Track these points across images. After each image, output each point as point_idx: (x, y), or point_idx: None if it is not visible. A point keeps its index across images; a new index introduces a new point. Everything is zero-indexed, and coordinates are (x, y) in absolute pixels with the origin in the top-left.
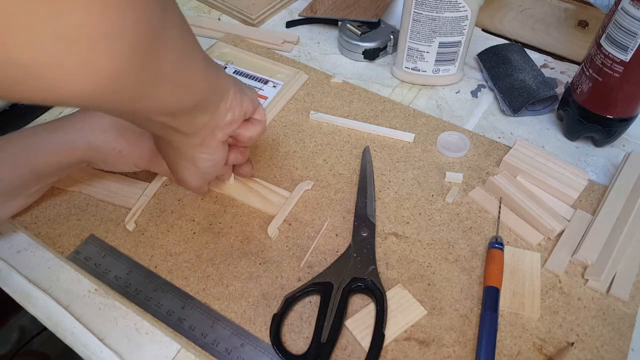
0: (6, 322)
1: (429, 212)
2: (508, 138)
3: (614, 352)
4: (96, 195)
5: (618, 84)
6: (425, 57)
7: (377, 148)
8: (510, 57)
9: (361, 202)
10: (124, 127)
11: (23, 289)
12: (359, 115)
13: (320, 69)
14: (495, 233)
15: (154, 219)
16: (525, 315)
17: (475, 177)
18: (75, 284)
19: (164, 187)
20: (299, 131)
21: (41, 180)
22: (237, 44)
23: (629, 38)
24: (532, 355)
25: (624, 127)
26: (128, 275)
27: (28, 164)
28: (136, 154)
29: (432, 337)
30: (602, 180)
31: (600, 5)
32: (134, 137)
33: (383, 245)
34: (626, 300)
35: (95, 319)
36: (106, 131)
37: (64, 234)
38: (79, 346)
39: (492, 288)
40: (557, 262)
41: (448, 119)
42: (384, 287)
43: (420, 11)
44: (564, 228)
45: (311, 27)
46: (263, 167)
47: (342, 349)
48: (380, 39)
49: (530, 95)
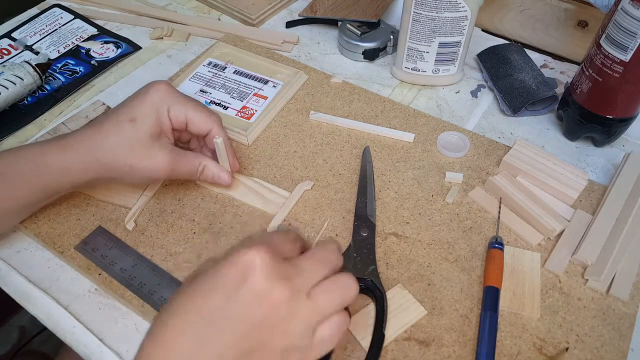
0: (6, 322)
1: (429, 212)
2: (508, 138)
3: (613, 352)
4: (96, 195)
5: (618, 84)
6: (425, 57)
7: (377, 148)
8: (510, 57)
9: (361, 202)
10: (133, 142)
11: (23, 289)
12: (359, 115)
13: (320, 69)
14: (495, 233)
15: (154, 218)
16: (525, 315)
17: (475, 177)
18: (75, 284)
19: (164, 187)
20: (299, 131)
21: (54, 196)
22: (237, 44)
23: (629, 38)
24: (532, 355)
25: (623, 127)
26: (133, 268)
27: (41, 183)
28: (149, 167)
29: (432, 337)
30: (602, 180)
31: (600, 5)
32: (144, 151)
33: (383, 245)
34: (626, 300)
35: (95, 319)
36: (114, 148)
37: (64, 233)
38: (79, 346)
39: (492, 288)
40: (557, 262)
41: (448, 119)
42: (384, 287)
43: (420, 11)
44: (564, 228)
45: (311, 27)
46: (263, 167)
47: (342, 349)
48: (380, 39)
49: (530, 95)
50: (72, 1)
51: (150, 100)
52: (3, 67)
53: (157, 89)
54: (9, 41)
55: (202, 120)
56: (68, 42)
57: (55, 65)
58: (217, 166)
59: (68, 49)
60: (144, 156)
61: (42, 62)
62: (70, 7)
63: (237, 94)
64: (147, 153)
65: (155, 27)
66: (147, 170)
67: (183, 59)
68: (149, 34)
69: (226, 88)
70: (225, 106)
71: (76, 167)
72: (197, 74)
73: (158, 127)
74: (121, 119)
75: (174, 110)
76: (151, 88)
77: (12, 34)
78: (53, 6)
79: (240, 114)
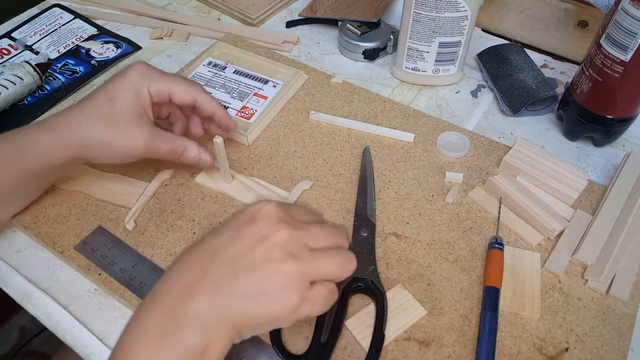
0: (6, 322)
1: (429, 212)
2: (508, 138)
3: (613, 352)
4: (96, 195)
5: (618, 84)
6: (425, 57)
7: (377, 148)
8: (510, 57)
9: (361, 202)
10: (111, 119)
11: (23, 289)
12: (359, 115)
13: (320, 69)
14: (495, 233)
15: (154, 218)
16: (525, 316)
17: (475, 177)
18: (75, 284)
19: (164, 187)
20: (299, 131)
21: (37, 180)
22: (237, 44)
23: (629, 38)
24: (532, 355)
25: (623, 127)
26: (133, 268)
27: (21, 164)
28: (128, 144)
29: (432, 337)
30: (602, 181)
31: (600, 5)
32: (122, 128)
33: (383, 245)
34: (626, 300)
35: (95, 319)
36: (94, 125)
37: (64, 234)
38: (79, 346)
39: (492, 288)
40: (557, 262)
41: (448, 119)
42: (384, 287)
43: (420, 11)
44: (564, 228)
45: (311, 27)
46: (263, 167)
47: (342, 349)
48: (380, 39)
49: (530, 95)
50: (72, 1)
51: (129, 80)
52: (3, 67)
53: (135, 68)
54: (9, 41)
55: (185, 90)
56: (68, 42)
57: (55, 65)
58: (200, 148)
59: (68, 49)
60: (121, 133)
61: (42, 62)
62: (70, 7)
63: (237, 93)
64: (125, 130)
65: (155, 27)
66: (125, 148)
67: (183, 58)
68: (149, 34)
69: (226, 88)
70: (225, 106)
71: (54, 146)
72: (197, 73)
73: (137, 105)
74: (99, 99)
75: (155, 85)
76: (129, 69)
77: (12, 33)
78: (53, 6)
79: (240, 114)
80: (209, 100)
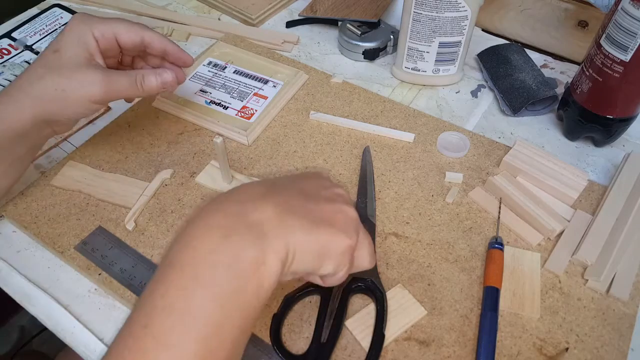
0: (6, 322)
1: (429, 212)
2: (508, 138)
3: (613, 352)
4: (96, 195)
5: (618, 84)
6: (425, 57)
7: (377, 148)
8: (510, 57)
9: (361, 202)
10: (60, 68)
11: (23, 289)
12: (359, 115)
13: (320, 69)
14: (495, 233)
15: (154, 218)
16: (525, 316)
17: (475, 177)
18: (75, 284)
19: (164, 187)
20: (299, 131)
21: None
22: (237, 44)
23: (629, 38)
24: (532, 355)
25: (624, 127)
26: (133, 268)
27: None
28: (83, 88)
29: (432, 337)
30: (602, 181)
31: (600, 5)
32: (73, 73)
33: (383, 245)
34: (626, 300)
35: (95, 319)
36: (42, 78)
37: (64, 234)
38: (79, 346)
39: (492, 288)
40: (557, 262)
41: (448, 119)
42: (384, 287)
43: (420, 11)
44: (564, 228)
45: (311, 27)
46: (263, 167)
47: (342, 349)
48: (380, 39)
49: (530, 95)
50: (72, 1)
51: (72, 29)
52: (3, 67)
53: (76, 17)
54: (9, 41)
55: (129, 30)
56: None
57: None
58: (157, 70)
59: None
60: (73, 79)
61: None
62: (70, 7)
63: (237, 93)
64: (77, 76)
65: (155, 27)
66: (81, 93)
67: None
68: None
69: (226, 88)
70: (225, 106)
71: (10, 109)
72: (197, 73)
73: (84, 51)
74: (46, 54)
75: (98, 29)
76: (71, 20)
77: (12, 34)
78: (53, 6)
79: (240, 114)
80: (157, 37)
